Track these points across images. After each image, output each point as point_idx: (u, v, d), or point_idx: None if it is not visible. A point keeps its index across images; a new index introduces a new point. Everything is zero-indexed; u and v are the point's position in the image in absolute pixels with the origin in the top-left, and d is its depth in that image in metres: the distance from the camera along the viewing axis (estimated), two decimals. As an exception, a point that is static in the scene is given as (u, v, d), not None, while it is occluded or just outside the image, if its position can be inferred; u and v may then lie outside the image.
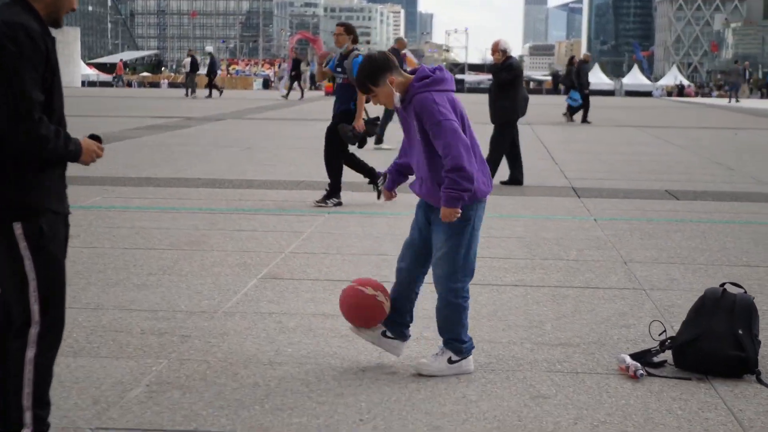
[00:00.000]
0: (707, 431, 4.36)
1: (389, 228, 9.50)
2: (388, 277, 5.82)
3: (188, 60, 46.54)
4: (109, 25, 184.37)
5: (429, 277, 5.18)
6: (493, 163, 12.49)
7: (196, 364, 5.20)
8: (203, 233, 9.10)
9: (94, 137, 3.92)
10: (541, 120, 28.72)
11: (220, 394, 4.73)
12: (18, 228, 3.65)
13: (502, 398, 4.73)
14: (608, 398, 4.75)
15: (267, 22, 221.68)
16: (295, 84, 44.58)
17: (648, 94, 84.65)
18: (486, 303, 6.58)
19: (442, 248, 5.00)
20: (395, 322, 5.21)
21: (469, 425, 4.38)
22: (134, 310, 6.29)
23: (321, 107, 35.20)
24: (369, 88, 4.94)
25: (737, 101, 50.91)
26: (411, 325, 5.29)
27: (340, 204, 10.85)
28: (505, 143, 13.06)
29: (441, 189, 4.83)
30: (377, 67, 4.91)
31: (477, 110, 15.33)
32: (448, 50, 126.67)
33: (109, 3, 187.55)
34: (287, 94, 44.60)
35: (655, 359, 5.22)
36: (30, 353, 3.73)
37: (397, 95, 4.92)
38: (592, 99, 29.79)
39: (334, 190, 10.92)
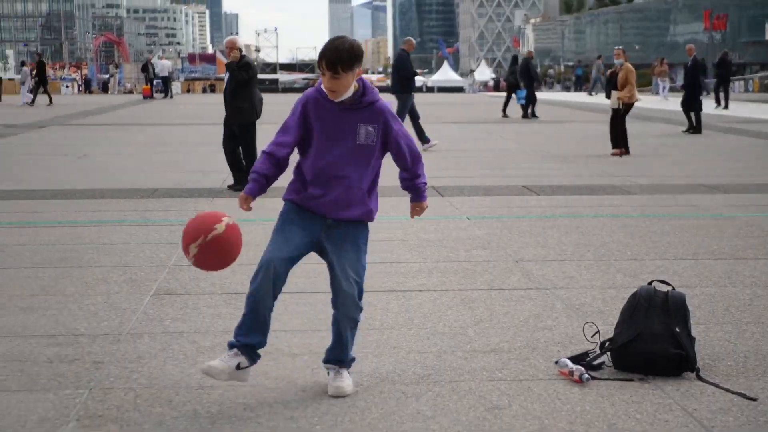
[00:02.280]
0: (672, 433, 4.33)
1: (265, 233, 9.20)
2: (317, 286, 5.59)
3: None
4: None
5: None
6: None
7: (121, 392, 4.84)
8: (72, 248, 8.60)
9: None
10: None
11: (161, 425, 4.41)
12: None
13: (457, 412, 4.57)
14: (563, 405, 4.66)
15: (69, 24, 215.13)
16: (41, 88, 41.56)
17: (459, 89, 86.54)
18: (398, 311, 6.43)
19: (355, 268, 4.81)
20: (253, 350, 4.78)
21: (436, 443, 4.21)
22: (30, 335, 5.84)
23: (142, 111, 34.41)
24: (339, 69, 4.63)
25: (594, 94, 52.13)
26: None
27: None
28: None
29: (417, 184, 5.05)
30: (358, 55, 4.69)
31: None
32: (258, 50, 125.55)
33: None
34: (33, 100, 41.39)
35: (594, 362, 5.17)
36: None
37: (351, 89, 4.71)
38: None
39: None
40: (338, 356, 4.88)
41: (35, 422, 4.44)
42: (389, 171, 5.32)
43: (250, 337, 4.73)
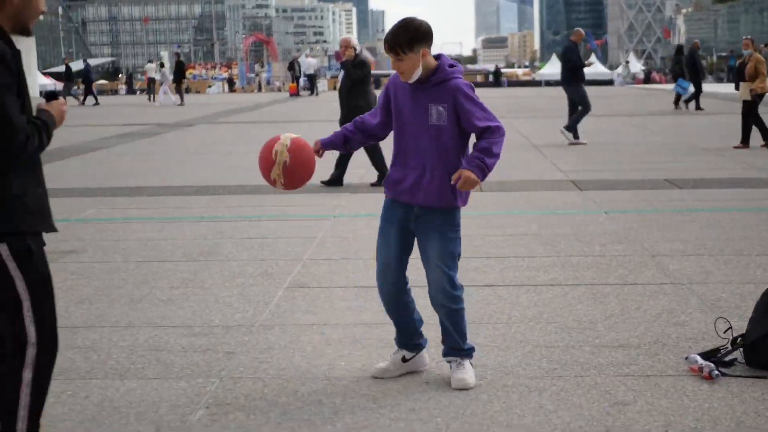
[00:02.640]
0: (803, 432, 4.20)
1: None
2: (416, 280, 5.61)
3: (151, 65, 45.31)
4: (62, 33, 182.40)
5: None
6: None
7: (250, 382, 4.97)
8: (214, 242, 8.85)
9: (51, 96, 3.70)
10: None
11: (285, 414, 4.51)
12: (5, 250, 3.47)
13: (580, 407, 4.53)
14: (690, 402, 4.57)
15: (220, 25, 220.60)
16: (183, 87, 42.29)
17: (609, 83, 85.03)
18: (528, 305, 6.40)
19: (440, 255, 4.80)
20: (406, 341, 5.01)
21: (556, 437, 4.19)
22: (168, 326, 6.05)
23: (287, 109, 34.99)
24: (398, 51, 4.65)
25: None
26: (422, 327, 5.04)
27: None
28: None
29: (473, 155, 4.67)
30: (420, 33, 4.67)
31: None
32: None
33: (60, 11, 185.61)
34: (182, 99, 41.63)
35: (726, 358, 5.06)
36: (27, 375, 3.55)
37: (419, 70, 4.69)
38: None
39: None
40: (451, 345, 4.90)
41: (167, 408, 4.60)
42: (525, 164, 5.30)
43: (397, 338, 5.05)
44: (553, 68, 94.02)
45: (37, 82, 74.84)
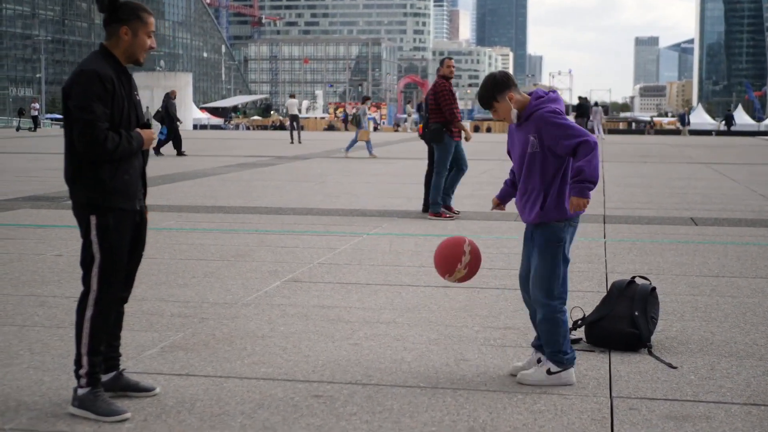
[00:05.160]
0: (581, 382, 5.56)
1: (415, 246, 10.80)
2: (401, 281, 7.09)
3: (293, 101, 43.54)
4: (223, 70, 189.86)
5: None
6: None
7: (204, 336, 6.59)
8: (251, 248, 10.55)
9: (145, 125, 5.16)
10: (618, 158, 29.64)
11: (213, 354, 6.11)
12: (93, 220, 4.99)
13: (432, 360, 5.99)
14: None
15: (376, 67, 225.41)
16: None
17: (756, 134, 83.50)
18: None
19: (538, 268, 5.45)
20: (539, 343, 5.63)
21: None
22: (171, 301, 7.73)
23: (416, 147, 36.62)
24: (490, 103, 5.47)
25: None
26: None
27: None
28: None
29: (571, 182, 5.28)
30: (498, 84, 5.44)
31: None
32: (553, 92, 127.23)
33: (224, 50, 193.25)
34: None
35: (572, 336, 6.42)
36: (89, 313, 5.04)
37: (514, 111, 5.42)
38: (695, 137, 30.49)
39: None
40: (539, 341, 5.60)
41: (133, 348, 6.24)
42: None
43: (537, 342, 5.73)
44: (696, 117, 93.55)
45: (192, 115, 79.35)
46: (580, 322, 6.48)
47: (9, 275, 8.84)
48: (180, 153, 30.60)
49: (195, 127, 78.97)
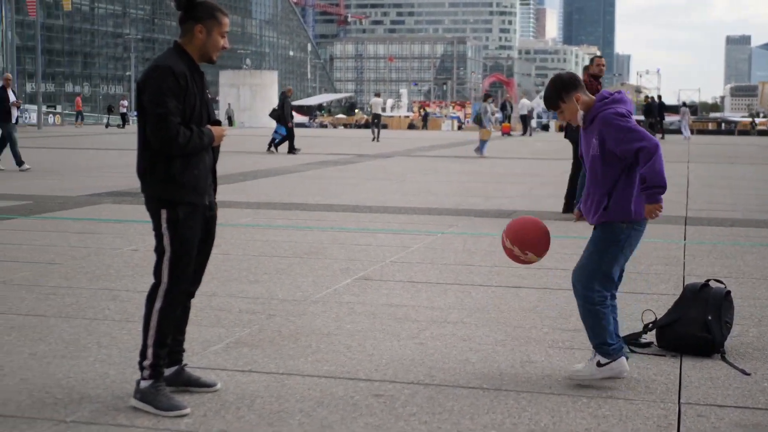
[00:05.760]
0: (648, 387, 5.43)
1: (489, 246, 10.70)
2: (472, 280, 7.02)
3: (378, 100, 43.79)
4: (309, 68, 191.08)
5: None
6: None
7: (270, 332, 6.59)
8: (324, 246, 10.55)
9: (216, 123, 5.18)
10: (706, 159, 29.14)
11: (278, 351, 6.10)
12: (164, 213, 5.05)
13: (498, 361, 5.91)
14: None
15: (461, 65, 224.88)
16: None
17: None
18: None
19: (583, 258, 5.45)
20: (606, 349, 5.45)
21: None
22: (241, 297, 7.76)
23: (493, 146, 36.39)
24: (557, 104, 5.44)
25: None
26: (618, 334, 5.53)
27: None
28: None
29: (640, 191, 5.24)
30: (566, 84, 5.41)
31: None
32: (639, 91, 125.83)
33: (310, 48, 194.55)
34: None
35: (642, 340, 6.28)
36: (158, 305, 5.08)
37: (581, 113, 5.41)
38: None
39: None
40: (590, 339, 5.54)
41: (199, 343, 6.26)
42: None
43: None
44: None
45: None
46: (651, 325, 6.33)
47: (85, 269, 8.96)
48: (291, 150, 29.96)
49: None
